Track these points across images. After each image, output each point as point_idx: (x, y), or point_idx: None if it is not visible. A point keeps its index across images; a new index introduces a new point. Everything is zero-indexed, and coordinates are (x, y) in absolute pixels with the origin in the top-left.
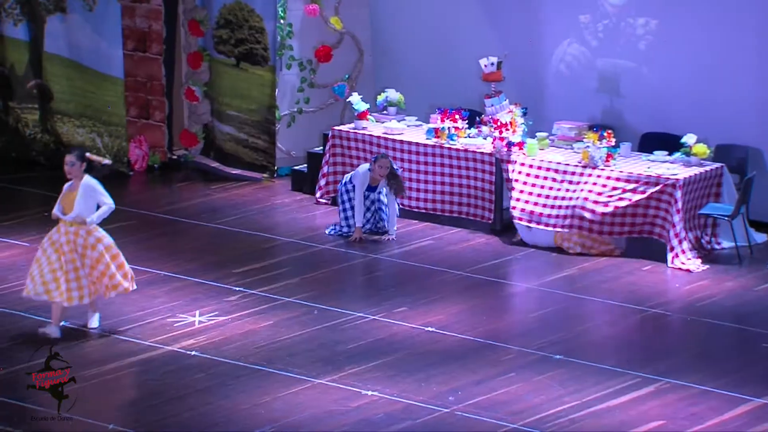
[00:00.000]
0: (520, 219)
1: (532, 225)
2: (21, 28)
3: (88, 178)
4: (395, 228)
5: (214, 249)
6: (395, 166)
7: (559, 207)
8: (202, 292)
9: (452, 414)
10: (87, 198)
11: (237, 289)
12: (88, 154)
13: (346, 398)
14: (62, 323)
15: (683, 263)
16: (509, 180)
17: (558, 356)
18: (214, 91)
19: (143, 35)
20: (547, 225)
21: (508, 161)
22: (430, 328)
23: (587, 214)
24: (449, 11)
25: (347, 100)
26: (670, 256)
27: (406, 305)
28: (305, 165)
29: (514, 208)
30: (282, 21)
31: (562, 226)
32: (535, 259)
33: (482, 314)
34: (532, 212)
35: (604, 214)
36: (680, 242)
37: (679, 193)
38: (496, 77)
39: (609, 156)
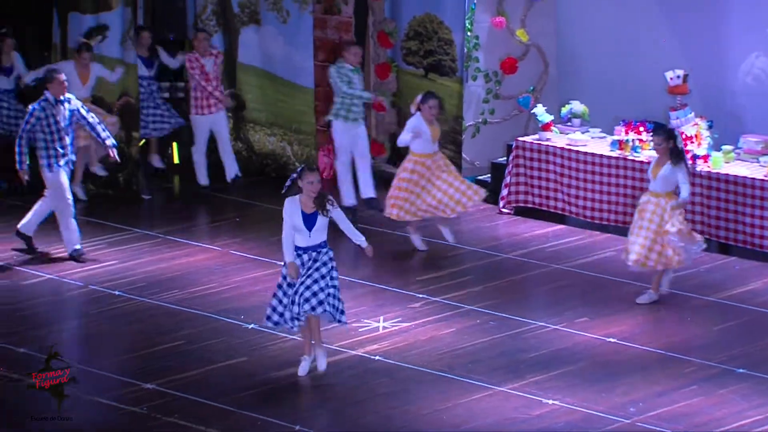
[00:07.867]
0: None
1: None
2: (216, 39)
3: None
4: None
5: (397, 256)
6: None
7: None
8: (386, 298)
9: (633, 425)
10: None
11: (420, 296)
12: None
13: (526, 406)
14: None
15: None
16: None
17: (741, 370)
18: (402, 101)
19: (334, 46)
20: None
21: (693, 174)
22: (611, 339)
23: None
24: (634, 23)
25: (532, 111)
26: None
27: (587, 315)
28: (489, 175)
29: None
30: (469, 33)
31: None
32: (719, 272)
33: (664, 326)
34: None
35: None
36: None
37: None
38: (682, 90)
39: None
